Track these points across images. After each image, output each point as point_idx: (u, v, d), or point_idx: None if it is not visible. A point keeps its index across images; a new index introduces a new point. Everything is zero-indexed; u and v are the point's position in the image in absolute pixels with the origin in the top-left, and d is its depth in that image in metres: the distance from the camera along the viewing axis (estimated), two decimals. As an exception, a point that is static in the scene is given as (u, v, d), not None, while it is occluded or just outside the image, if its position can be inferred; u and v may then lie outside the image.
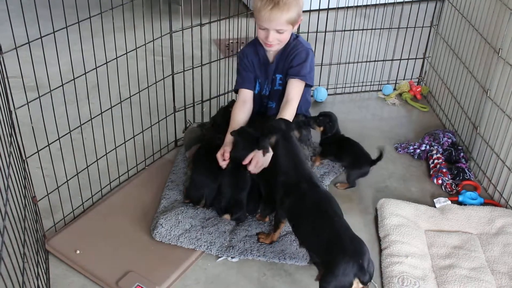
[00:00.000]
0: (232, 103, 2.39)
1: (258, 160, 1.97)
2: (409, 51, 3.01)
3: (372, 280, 1.94)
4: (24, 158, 1.83)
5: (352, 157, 2.36)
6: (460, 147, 2.57)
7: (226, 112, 2.35)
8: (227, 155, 2.10)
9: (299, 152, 1.95)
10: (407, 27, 2.92)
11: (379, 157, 2.32)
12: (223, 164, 2.10)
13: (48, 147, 1.93)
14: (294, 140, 1.99)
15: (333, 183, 2.40)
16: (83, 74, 1.96)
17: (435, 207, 2.26)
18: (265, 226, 2.11)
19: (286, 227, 2.06)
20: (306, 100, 2.37)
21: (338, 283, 1.58)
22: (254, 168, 1.98)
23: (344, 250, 1.63)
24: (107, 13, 1.96)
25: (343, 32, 2.91)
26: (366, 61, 3.07)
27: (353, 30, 2.96)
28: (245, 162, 2.00)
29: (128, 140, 2.33)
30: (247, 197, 2.13)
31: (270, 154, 1.94)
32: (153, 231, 2.04)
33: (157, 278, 1.89)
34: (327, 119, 2.38)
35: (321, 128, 2.40)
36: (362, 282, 1.60)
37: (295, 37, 2.24)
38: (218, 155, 2.11)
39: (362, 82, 3.11)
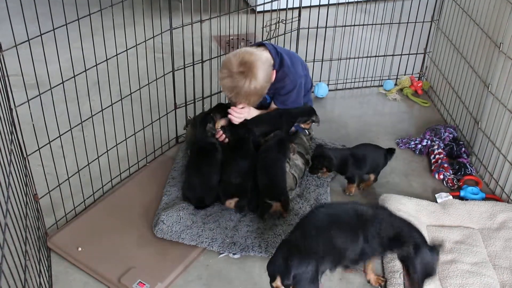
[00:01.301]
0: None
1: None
2: (410, 46, 3.00)
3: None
4: (25, 155, 1.83)
5: (372, 162, 2.31)
6: (461, 142, 2.57)
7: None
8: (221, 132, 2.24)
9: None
10: (407, 22, 2.91)
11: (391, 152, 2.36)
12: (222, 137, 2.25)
13: (49, 144, 1.93)
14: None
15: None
16: (83, 72, 1.96)
17: (436, 202, 2.26)
18: (267, 224, 2.11)
19: (288, 224, 2.06)
20: (310, 101, 2.47)
21: (269, 266, 1.63)
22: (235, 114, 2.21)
23: (285, 242, 1.68)
24: (107, 10, 1.96)
25: (343, 27, 2.91)
26: (367, 57, 3.06)
27: (354, 25, 2.95)
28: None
29: (129, 137, 2.33)
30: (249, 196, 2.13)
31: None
32: (154, 227, 2.05)
33: (159, 274, 1.89)
34: (321, 159, 2.23)
35: (325, 170, 2.26)
36: (282, 282, 1.58)
37: (280, 67, 2.20)
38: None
39: (363, 77, 3.11)
